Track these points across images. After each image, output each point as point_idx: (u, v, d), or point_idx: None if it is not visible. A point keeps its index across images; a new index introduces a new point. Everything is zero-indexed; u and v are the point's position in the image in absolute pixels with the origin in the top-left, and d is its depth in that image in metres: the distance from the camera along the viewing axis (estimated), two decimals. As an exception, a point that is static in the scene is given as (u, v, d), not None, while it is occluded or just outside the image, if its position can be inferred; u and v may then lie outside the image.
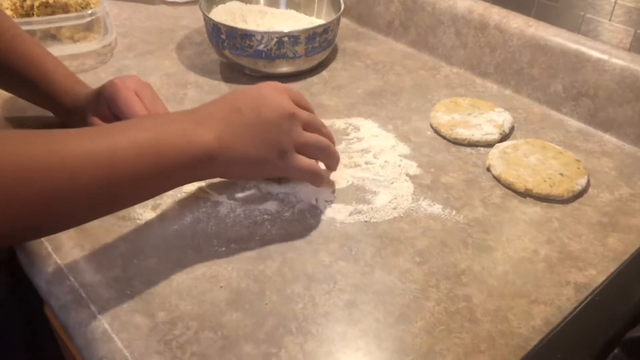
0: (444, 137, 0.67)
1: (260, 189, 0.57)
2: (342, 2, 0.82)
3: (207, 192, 0.57)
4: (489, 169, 0.61)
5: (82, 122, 0.57)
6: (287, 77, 0.78)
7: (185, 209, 0.55)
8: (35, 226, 0.40)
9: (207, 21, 0.77)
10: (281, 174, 0.53)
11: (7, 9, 0.79)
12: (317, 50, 0.77)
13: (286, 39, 0.73)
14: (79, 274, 0.48)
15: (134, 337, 0.43)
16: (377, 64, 0.83)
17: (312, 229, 0.53)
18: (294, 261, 0.50)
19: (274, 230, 0.53)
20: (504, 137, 0.67)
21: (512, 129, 0.68)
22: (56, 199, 0.39)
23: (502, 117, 0.68)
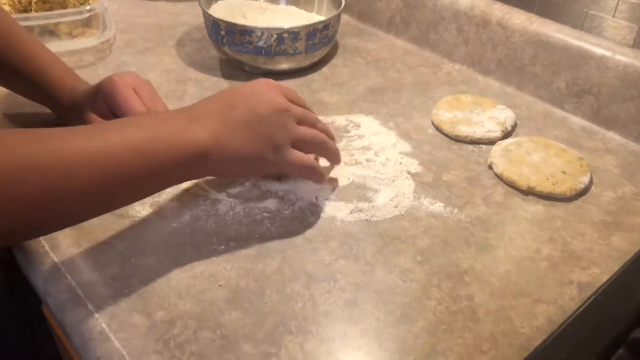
0: (446, 135, 0.66)
1: (259, 187, 0.57)
2: (342, -2, 0.82)
3: (206, 189, 0.56)
4: (491, 167, 0.61)
5: (79, 119, 0.57)
6: (287, 74, 0.78)
7: (184, 206, 0.54)
8: (32, 225, 0.40)
9: (207, 17, 0.76)
10: (277, 170, 0.52)
11: (5, 4, 0.78)
12: (317, 46, 0.76)
13: (286, 35, 0.72)
14: (76, 273, 0.47)
15: (132, 337, 0.42)
16: (378, 61, 0.82)
17: (312, 227, 0.53)
18: (293, 260, 0.49)
19: (274, 228, 0.52)
20: (506, 134, 0.66)
21: (514, 126, 0.68)
22: (53, 198, 0.39)
23: (504, 115, 0.68)
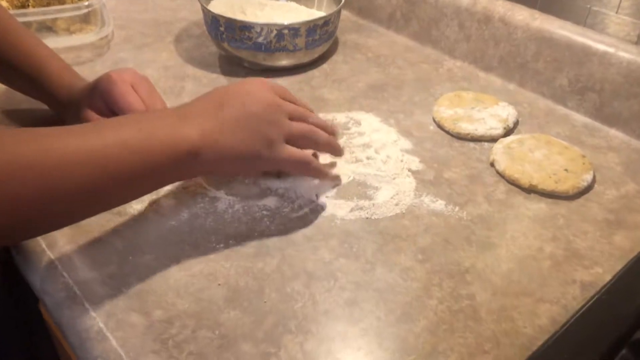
0: (447, 132, 0.66)
1: (259, 185, 0.56)
2: (343, -6, 0.81)
3: (205, 187, 0.56)
4: (492, 165, 0.60)
5: (77, 116, 0.57)
6: (287, 70, 0.77)
7: (182, 204, 0.54)
8: (29, 225, 0.40)
9: (206, 13, 0.75)
10: (272, 167, 0.52)
11: (3, 0, 0.78)
12: (317, 43, 0.75)
13: (286, 31, 0.72)
14: (73, 271, 0.47)
15: (130, 336, 0.42)
16: (378, 57, 0.82)
17: (312, 225, 0.52)
18: (293, 258, 0.49)
19: (273, 226, 0.52)
20: (508, 131, 0.65)
21: (516, 123, 0.67)
22: (49, 197, 0.38)
23: (506, 112, 0.67)
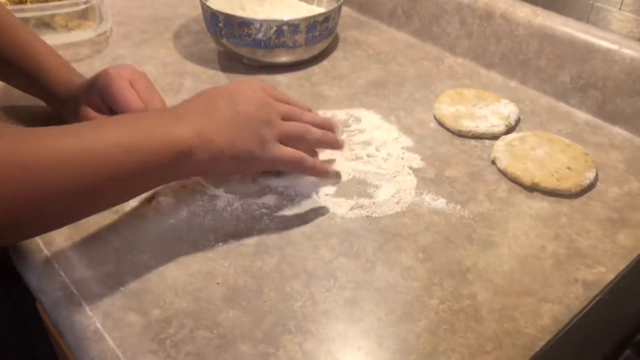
0: (448, 129, 0.65)
1: (258, 182, 0.56)
2: (343, -10, 0.80)
3: (203, 185, 0.55)
4: (494, 162, 0.60)
5: (74, 112, 0.56)
6: (286, 67, 0.76)
7: (181, 202, 0.53)
8: (22, 226, 0.39)
9: (205, 9, 0.75)
10: (266, 167, 0.52)
11: (0, -5, 0.77)
12: (317, 39, 0.75)
13: (286, 27, 0.71)
14: (70, 270, 0.46)
15: (127, 336, 0.41)
16: (379, 54, 0.81)
17: (311, 223, 0.52)
18: (293, 257, 0.48)
19: (273, 225, 0.51)
20: (510, 129, 0.65)
21: (518, 121, 0.67)
22: (42, 197, 0.38)
23: (508, 109, 0.66)
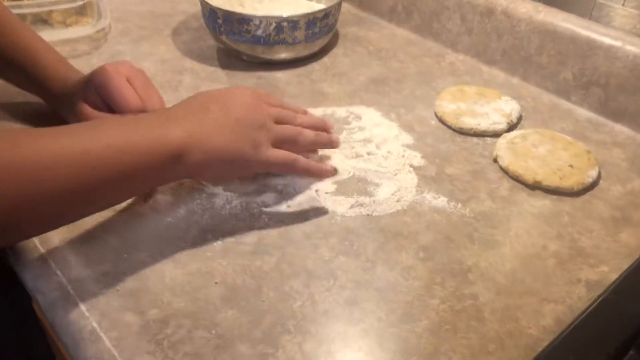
0: (449, 127, 0.64)
1: (257, 180, 0.55)
2: (343, -14, 0.80)
3: (202, 183, 0.54)
4: (496, 160, 0.59)
5: (71, 109, 0.56)
6: (286, 64, 0.76)
7: (179, 200, 0.53)
8: (15, 228, 0.39)
9: (204, 5, 0.74)
10: (258, 170, 0.52)
11: (-3, -8, 0.76)
12: (317, 35, 0.74)
13: (285, 24, 0.70)
14: (66, 269, 0.46)
15: (124, 336, 0.41)
16: (379, 51, 0.80)
17: (311, 222, 0.51)
18: (292, 256, 0.48)
19: (272, 223, 0.51)
20: (512, 126, 0.64)
21: (519, 118, 0.66)
22: (36, 199, 0.38)
23: (509, 106, 0.66)
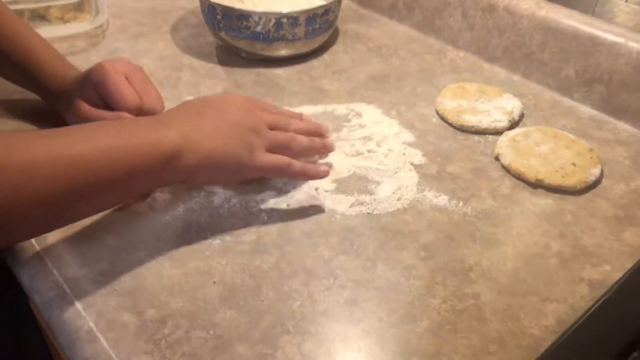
0: (451, 124, 0.64)
1: (257, 178, 0.54)
2: (344, -18, 0.79)
3: (200, 181, 0.54)
4: (497, 158, 0.59)
5: (68, 107, 0.56)
6: (285, 61, 0.75)
7: (177, 199, 0.52)
8: (6, 231, 0.39)
9: (203, 1, 0.73)
10: (252, 174, 0.51)
11: (-7, -13, 0.76)
12: (317, 32, 0.73)
13: (285, 20, 0.70)
14: (63, 268, 0.45)
15: (121, 336, 0.40)
16: (380, 48, 0.80)
17: (311, 221, 0.51)
18: (291, 255, 0.47)
19: (271, 222, 0.50)
20: (513, 124, 0.64)
21: (521, 116, 0.65)
22: (28, 203, 0.38)
23: (511, 104, 0.65)
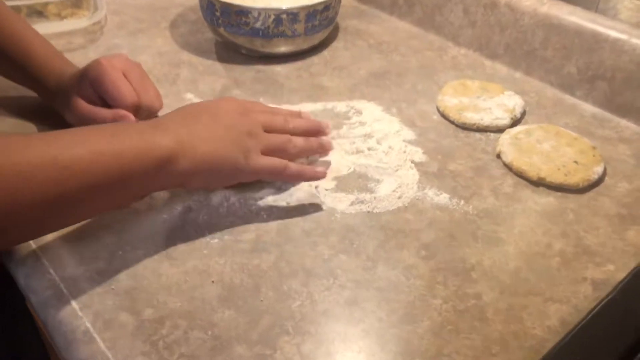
0: (452, 122, 0.63)
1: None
2: (344, -22, 0.78)
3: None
4: (499, 156, 0.58)
5: (65, 104, 0.55)
6: (285, 57, 0.74)
7: (175, 197, 0.51)
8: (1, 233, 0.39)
9: (201, -3, 0.73)
10: (248, 178, 0.50)
11: (-10, -17, 0.75)
12: (317, 28, 0.73)
13: (284, 16, 0.69)
14: (60, 267, 0.45)
15: (118, 337, 0.40)
16: (380, 44, 0.79)
17: (311, 219, 0.50)
18: (291, 254, 0.47)
19: (270, 220, 0.50)
20: (515, 122, 0.63)
21: (523, 113, 0.65)
22: (22, 207, 0.37)
23: (513, 101, 0.64)
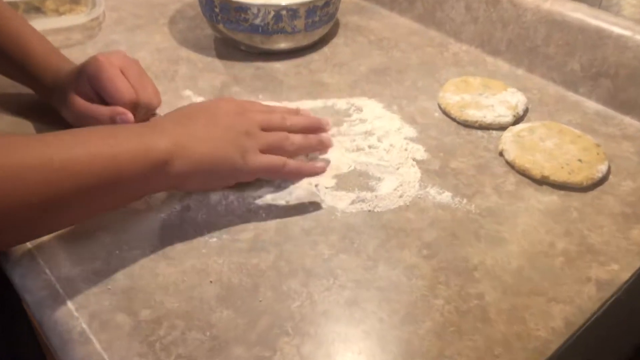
0: (453, 119, 0.62)
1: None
2: (344, -27, 0.77)
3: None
4: (502, 154, 0.57)
5: (63, 101, 0.55)
6: (285, 54, 0.74)
7: (173, 196, 0.51)
8: None
9: (200, -7, 0.72)
10: (246, 177, 0.50)
11: (-13, -22, 0.74)
12: (317, 24, 0.72)
13: (284, 12, 0.68)
14: (56, 267, 0.44)
15: (114, 338, 0.39)
16: (381, 40, 0.78)
17: (310, 218, 0.49)
18: (290, 254, 0.46)
19: (269, 219, 0.49)
20: (518, 119, 0.62)
21: (525, 111, 0.64)
22: (14, 208, 0.37)
23: (515, 98, 0.64)
